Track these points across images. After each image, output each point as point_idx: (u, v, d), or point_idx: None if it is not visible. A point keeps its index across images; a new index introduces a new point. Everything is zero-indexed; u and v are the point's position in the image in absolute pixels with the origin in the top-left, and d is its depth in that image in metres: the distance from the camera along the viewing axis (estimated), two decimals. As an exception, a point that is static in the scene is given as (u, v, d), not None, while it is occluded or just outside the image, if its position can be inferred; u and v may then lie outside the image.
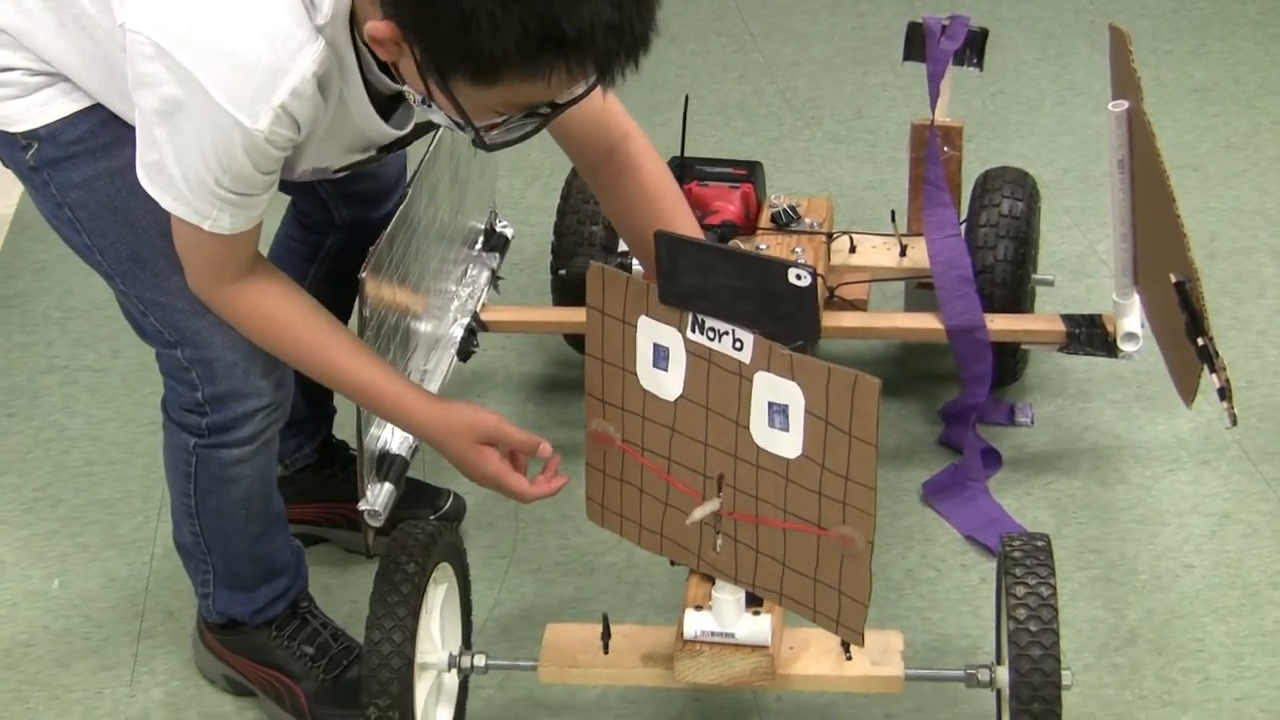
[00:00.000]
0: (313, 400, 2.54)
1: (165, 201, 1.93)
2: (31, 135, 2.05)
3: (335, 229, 2.42)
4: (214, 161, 1.88)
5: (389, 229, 2.25)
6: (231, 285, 2.04)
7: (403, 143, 2.10)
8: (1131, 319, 2.63)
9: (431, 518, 2.60)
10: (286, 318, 2.06)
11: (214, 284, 2.04)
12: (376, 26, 1.77)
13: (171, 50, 1.82)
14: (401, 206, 2.30)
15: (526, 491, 2.09)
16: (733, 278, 1.87)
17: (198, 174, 1.89)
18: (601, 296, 2.01)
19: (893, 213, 2.95)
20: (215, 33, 1.82)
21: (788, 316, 1.85)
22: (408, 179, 2.40)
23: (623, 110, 2.20)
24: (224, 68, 1.82)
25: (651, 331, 1.99)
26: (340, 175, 2.16)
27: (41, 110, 2.04)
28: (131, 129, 1.94)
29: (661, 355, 1.99)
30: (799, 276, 1.82)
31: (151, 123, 1.89)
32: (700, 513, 2.00)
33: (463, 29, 1.71)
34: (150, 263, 2.07)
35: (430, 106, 1.88)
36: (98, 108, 2.04)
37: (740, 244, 2.77)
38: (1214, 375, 2.20)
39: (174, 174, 1.90)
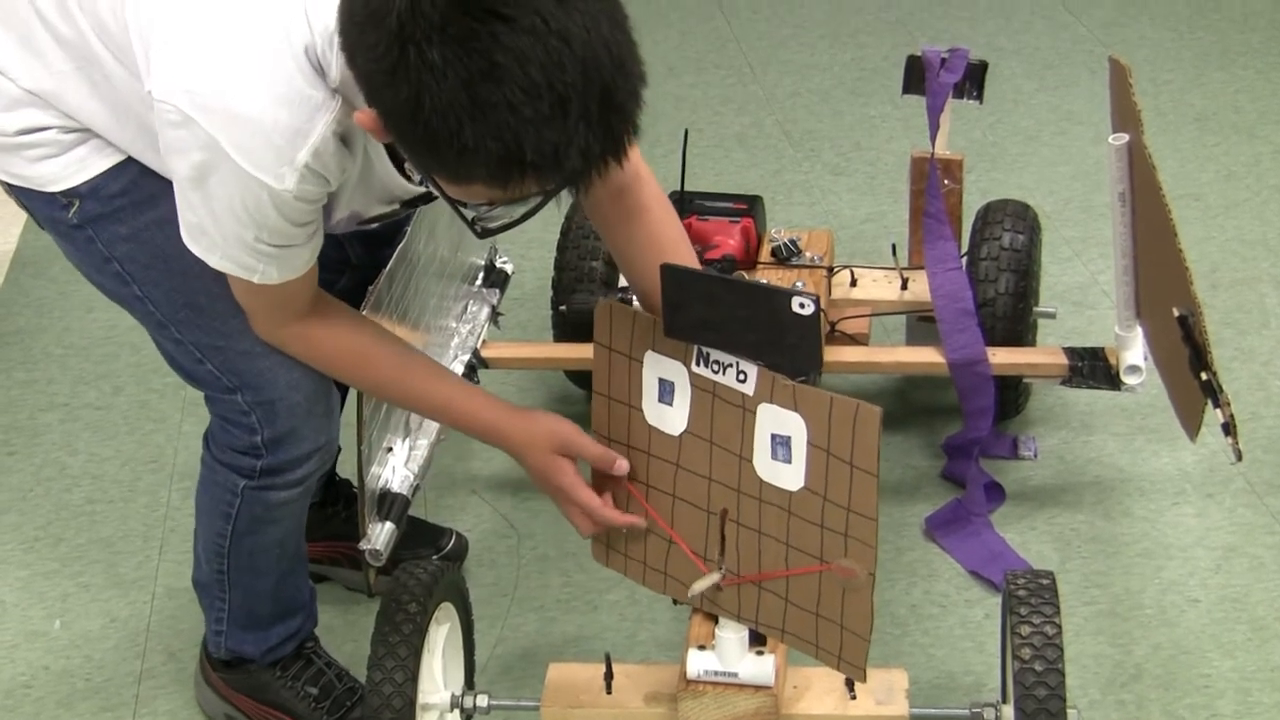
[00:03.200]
0: None
1: (212, 260, 1.94)
2: (72, 193, 2.05)
3: (350, 268, 2.41)
4: (248, 220, 1.88)
5: (389, 266, 2.24)
6: (298, 324, 2.04)
7: (428, 198, 2.10)
8: (1134, 352, 2.62)
9: (434, 557, 2.59)
10: (362, 347, 2.07)
11: (280, 326, 2.05)
12: (362, 116, 1.76)
13: (195, 117, 1.82)
14: (401, 244, 2.30)
15: (597, 509, 2.05)
16: (737, 308, 1.88)
17: (236, 233, 1.89)
18: (609, 333, 2.02)
19: (894, 246, 2.95)
20: (232, 99, 1.81)
21: (791, 346, 1.86)
22: (402, 230, 2.40)
23: (636, 151, 2.19)
24: (244, 133, 1.82)
25: (657, 366, 1.99)
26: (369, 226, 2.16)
27: (80, 168, 2.04)
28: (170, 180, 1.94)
29: (667, 390, 2.00)
30: (802, 305, 1.83)
31: (186, 187, 1.89)
32: (700, 586, 2.01)
33: (430, 143, 1.69)
34: (207, 308, 2.07)
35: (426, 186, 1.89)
36: (132, 161, 2.04)
37: (744, 275, 2.77)
38: (1218, 410, 2.19)
39: (214, 234, 1.91)
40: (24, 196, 2.09)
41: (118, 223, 2.06)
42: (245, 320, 2.05)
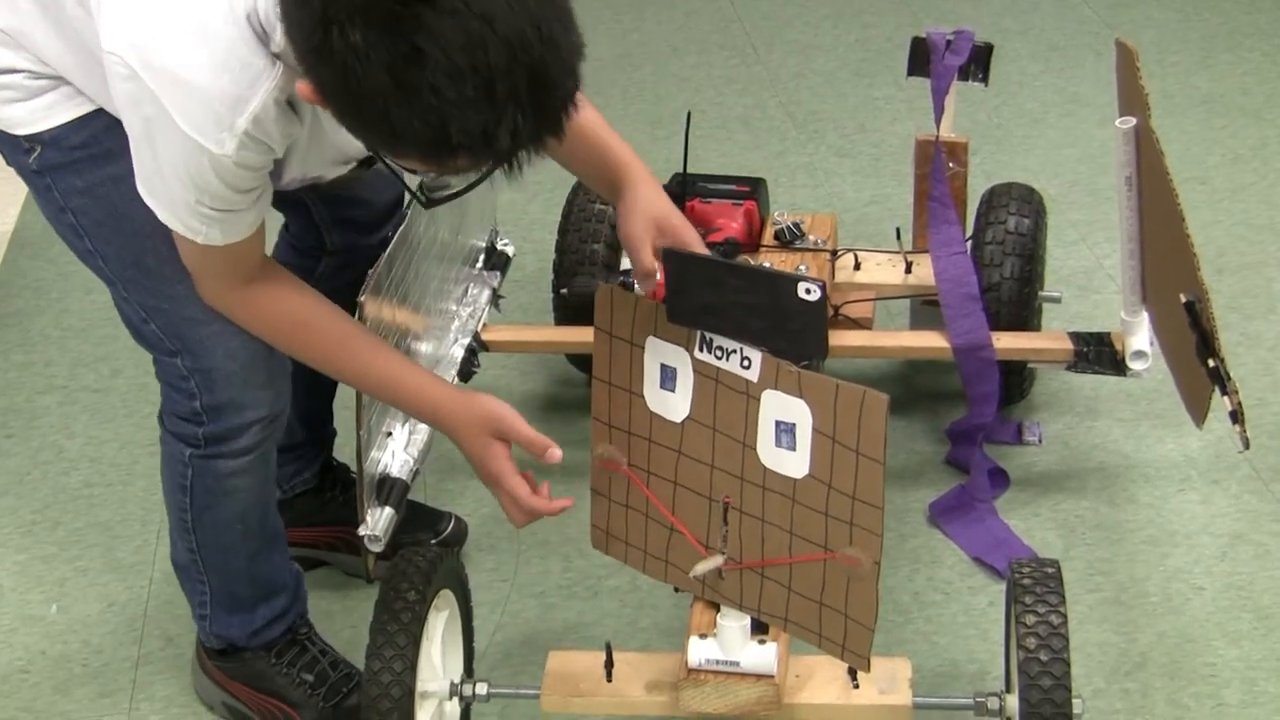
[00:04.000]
0: (310, 424, 2.52)
1: (161, 215, 1.94)
2: (35, 139, 2.04)
3: (327, 254, 2.41)
4: (189, 182, 1.87)
5: (389, 250, 2.23)
6: (242, 289, 2.03)
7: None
8: (1140, 337, 2.60)
9: (432, 542, 2.58)
10: (303, 316, 2.06)
11: (225, 290, 2.03)
12: (302, 86, 1.74)
13: (141, 73, 1.81)
14: (401, 227, 2.28)
15: (524, 499, 2.03)
16: (742, 293, 1.86)
17: (180, 193, 1.89)
18: (610, 318, 2.00)
19: (898, 229, 2.93)
20: (174, 62, 1.80)
21: (796, 332, 1.85)
22: (406, 202, 2.38)
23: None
24: (185, 96, 1.81)
25: (659, 352, 1.98)
26: (336, 193, 2.14)
27: (45, 114, 2.03)
28: None
29: (669, 376, 1.98)
30: (808, 291, 1.82)
31: (139, 140, 1.89)
32: (704, 568, 1.99)
33: (361, 120, 1.69)
34: (154, 270, 2.06)
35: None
36: (100, 113, 2.02)
37: (748, 259, 2.75)
38: (1225, 397, 2.17)
39: (161, 190, 1.91)
40: None
41: (74, 175, 2.05)
42: (190, 286, 2.04)
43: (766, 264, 2.77)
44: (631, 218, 2.15)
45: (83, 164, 2.04)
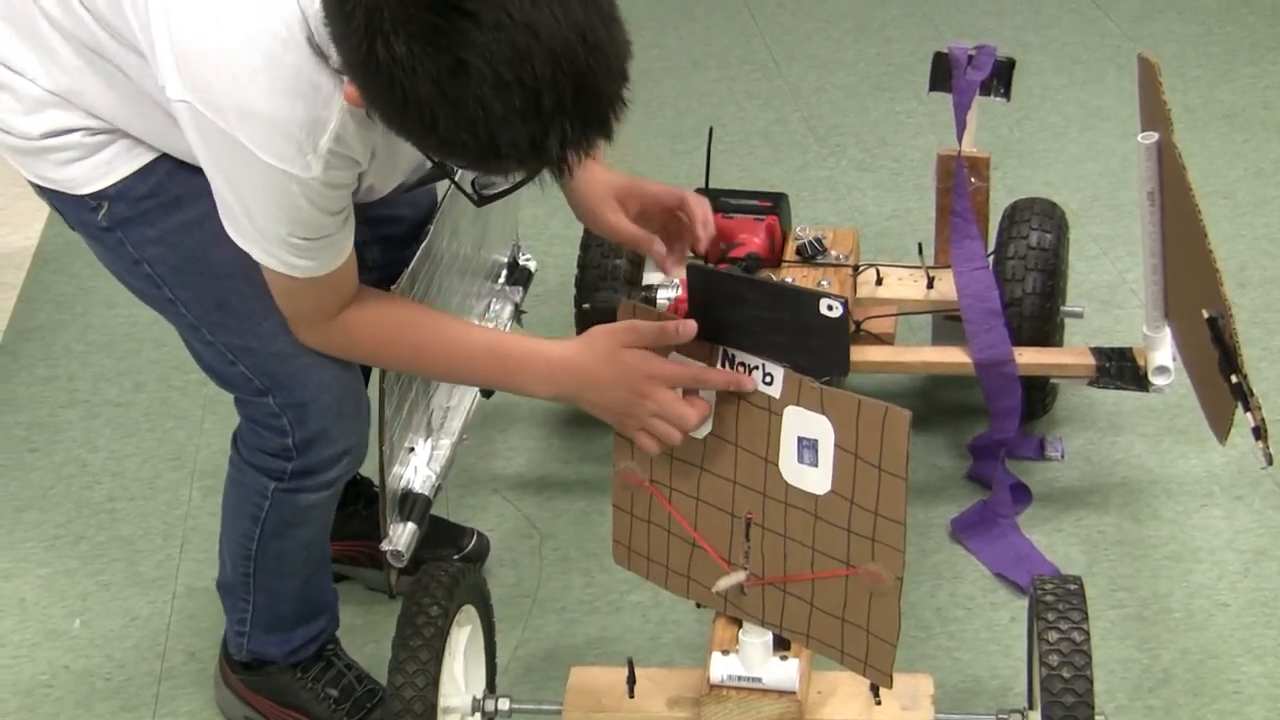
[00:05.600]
0: None
1: (255, 254, 1.92)
2: (100, 196, 2.03)
3: (367, 270, 2.40)
4: (279, 215, 1.86)
5: (411, 265, 2.23)
6: (339, 316, 2.02)
7: None
8: (1163, 352, 2.60)
9: (455, 557, 2.58)
10: (403, 314, 2.05)
11: (322, 322, 2.02)
12: (349, 92, 1.75)
13: (211, 116, 1.80)
14: (424, 242, 2.28)
15: (698, 376, 1.92)
16: (764, 309, 1.86)
17: (273, 227, 1.88)
18: None
19: (919, 244, 2.93)
20: (246, 98, 1.79)
21: (818, 348, 1.85)
22: (426, 229, 2.38)
23: None
24: (263, 129, 1.80)
25: (682, 368, 1.97)
26: (374, 212, 2.14)
27: (107, 170, 2.02)
28: (199, 175, 1.92)
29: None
30: (830, 307, 1.82)
31: (218, 180, 1.88)
32: (725, 583, 1.99)
33: (410, 130, 1.68)
34: (238, 309, 2.05)
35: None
36: (163, 159, 2.02)
37: (771, 275, 2.75)
38: (1248, 413, 2.17)
39: (251, 229, 1.90)
40: (54, 199, 2.08)
41: (147, 225, 2.04)
42: (277, 322, 2.03)
43: (788, 279, 2.77)
44: (589, 204, 2.15)
45: (153, 213, 2.04)
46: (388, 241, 2.33)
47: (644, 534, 2.08)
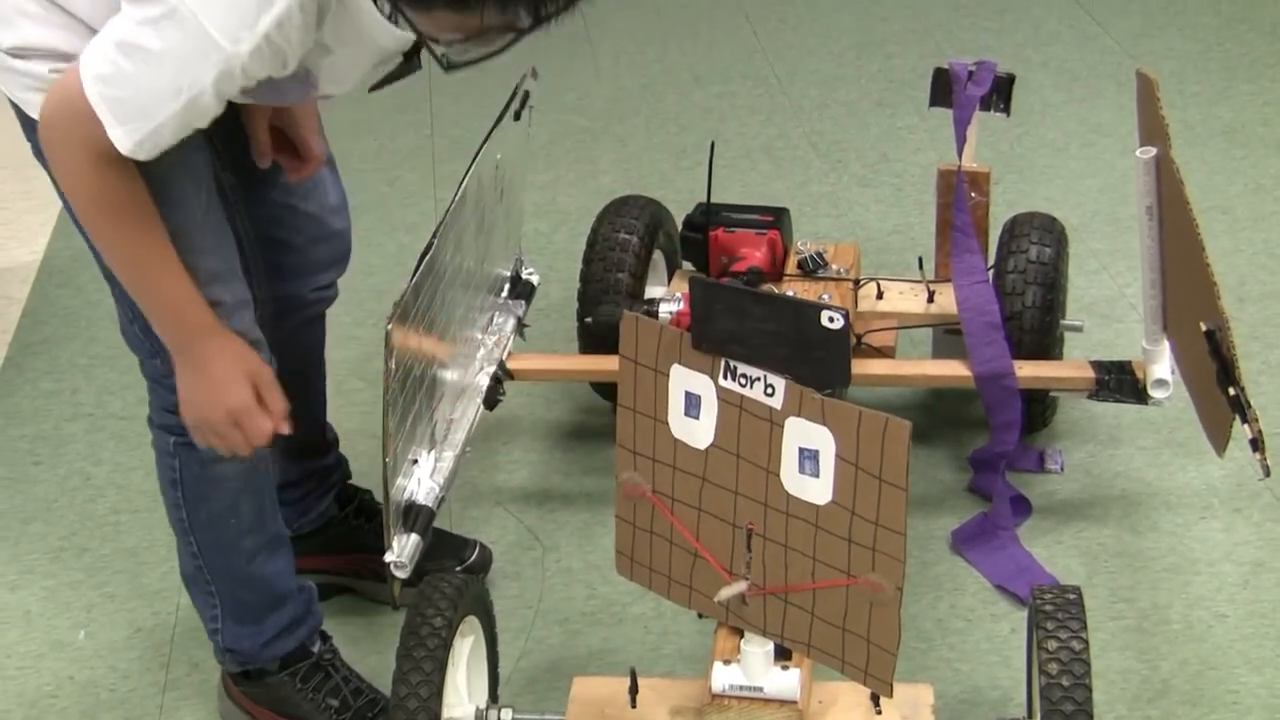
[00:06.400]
0: (303, 458, 2.53)
1: (101, 66, 1.84)
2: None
3: (257, 303, 2.30)
4: (169, 87, 1.82)
5: (415, 278, 2.24)
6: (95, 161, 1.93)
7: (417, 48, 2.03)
8: (1161, 366, 2.61)
9: (457, 569, 2.59)
10: (133, 184, 1.96)
11: (83, 147, 1.91)
12: None
13: None
14: (428, 256, 2.29)
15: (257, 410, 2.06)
16: (766, 321, 1.87)
17: (156, 96, 1.84)
18: (635, 345, 2.01)
19: (920, 258, 2.94)
20: None
21: (819, 360, 1.86)
22: (429, 243, 2.37)
23: None
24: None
25: (684, 380, 1.98)
26: (269, 233, 2.20)
27: None
28: None
29: (693, 403, 1.99)
30: (831, 319, 1.83)
31: (131, 33, 1.82)
32: (727, 594, 2.00)
33: None
34: None
35: (396, 22, 1.85)
36: None
37: (772, 289, 2.77)
38: (1246, 426, 2.18)
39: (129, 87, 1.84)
40: (16, 111, 2.05)
41: None
42: None
43: (790, 293, 2.79)
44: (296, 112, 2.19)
45: None
46: (278, 272, 2.32)
47: (646, 545, 2.09)
